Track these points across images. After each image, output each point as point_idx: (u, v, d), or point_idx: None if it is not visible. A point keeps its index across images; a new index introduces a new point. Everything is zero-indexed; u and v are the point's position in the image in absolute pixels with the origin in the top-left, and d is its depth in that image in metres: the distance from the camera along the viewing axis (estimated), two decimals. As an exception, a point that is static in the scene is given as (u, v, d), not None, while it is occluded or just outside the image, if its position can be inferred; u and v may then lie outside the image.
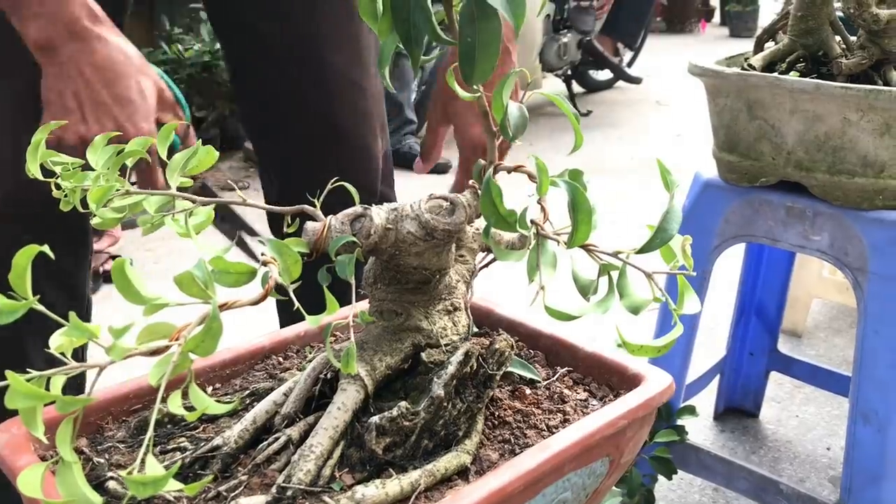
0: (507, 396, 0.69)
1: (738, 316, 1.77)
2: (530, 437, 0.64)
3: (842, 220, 1.19)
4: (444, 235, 0.60)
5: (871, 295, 1.19)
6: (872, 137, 1.12)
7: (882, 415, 1.21)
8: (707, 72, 1.25)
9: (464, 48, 0.52)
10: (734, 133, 1.25)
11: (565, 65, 5.04)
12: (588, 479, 0.64)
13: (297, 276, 0.53)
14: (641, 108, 5.25)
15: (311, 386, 0.61)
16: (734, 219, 1.30)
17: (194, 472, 0.57)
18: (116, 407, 0.66)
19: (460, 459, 0.59)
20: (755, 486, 1.40)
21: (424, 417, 0.58)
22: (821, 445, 1.79)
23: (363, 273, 0.66)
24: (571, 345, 0.76)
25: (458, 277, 0.69)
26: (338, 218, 0.59)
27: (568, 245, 0.54)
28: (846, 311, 2.37)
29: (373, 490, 0.54)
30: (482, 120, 0.59)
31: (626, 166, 3.92)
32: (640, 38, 5.70)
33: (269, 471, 0.56)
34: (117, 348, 0.48)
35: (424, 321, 0.64)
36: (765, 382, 1.87)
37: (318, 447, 0.56)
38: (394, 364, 0.62)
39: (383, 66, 0.57)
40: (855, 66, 1.17)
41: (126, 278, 0.49)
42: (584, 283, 0.58)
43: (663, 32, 8.48)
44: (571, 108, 0.58)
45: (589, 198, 0.53)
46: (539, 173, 0.55)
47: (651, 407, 0.66)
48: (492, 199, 0.54)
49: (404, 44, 0.54)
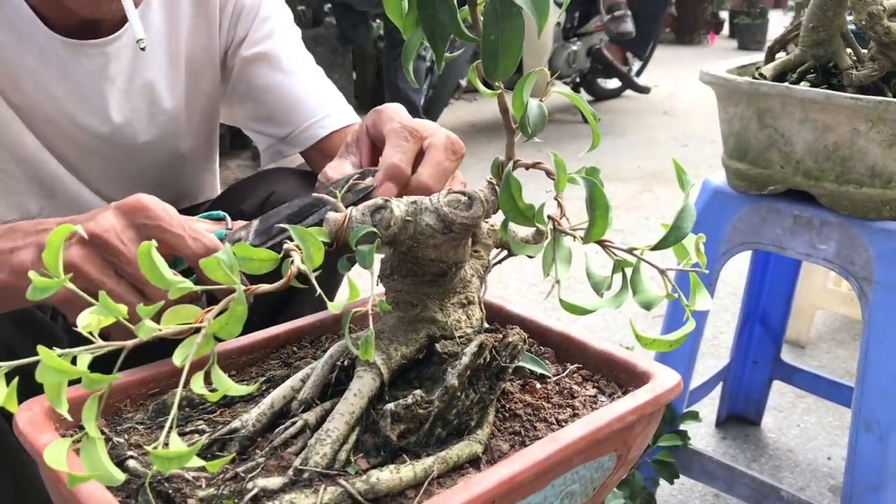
0: (518, 390, 0.70)
1: (742, 324, 1.78)
2: (540, 430, 0.65)
3: (849, 229, 1.20)
4: (461, 229, 0.61)
5: (876, 304, 1.20)
6: (881, 148, 1.14)
7: (884, 424, 1.22)
8: (719, 80, 1.27)
9: (487, 46, 0.53)
10: (744, 141, 1.26)
11: (574, 72, 5.07)
12: (596, 472, 0.65)
13: (319, 263, 0.54)
14: (649, 118, 5.27)
15: (328, 373, 0.63)
16: (742, 226, 1.31)
17: (212, 454, 0.58)
18: (135, 390, 0.68)
19: (472, 448, 0.60)
20: (756, 492, 1.41)
21: (438, 406, 0.59)
22: (822, 455, 1.80)
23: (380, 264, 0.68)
24: (581, 342, 0.77)
25: (472, 272, 0.70)
26: (359, 209, 0.61)
27: (585, 240, 0.55)
28: (850, 323, 2.38)
29: (387, 475, 0.55)
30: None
31: (632, 175, 3.93)
32: (650, 48, 5.73)
33: (285, 454, 0.57)
34: (145, 327, 0.49)
35: (439, 313, 0.66)
36: (767, 391, 1.88)
37: (335, 432, 0.57)
38: (409, 354, 0.63)
39: (407, 62, 0.59)
40: (865, 77, 1.18)
41: (152, 261, 0.51)
42: (598, 280, 0.59)
43: (672, 43, 8.51)
44: (590, 108, 0.59)
45: (606, 194, 0.54)
46: (557, 170, 0.57)
47: (659, 404, 0.67)
48: (511, 194, 0.56)
49: (429, 40, 0.55)
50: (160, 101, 1.12)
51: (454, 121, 5.04)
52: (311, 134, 1.16)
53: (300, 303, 1.11)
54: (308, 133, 1.16)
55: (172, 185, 1.22)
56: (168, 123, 1.15)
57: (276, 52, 1.17)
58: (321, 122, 1.16)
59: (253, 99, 1.19)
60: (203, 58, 1.16)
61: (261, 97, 1.18)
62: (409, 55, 0.57)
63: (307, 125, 1.16)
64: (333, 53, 4.09)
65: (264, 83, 1.17)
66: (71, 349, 0.49)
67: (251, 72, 1.17)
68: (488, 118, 5.12)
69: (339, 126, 1.16)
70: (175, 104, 1.15)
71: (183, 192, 1.25)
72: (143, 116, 1.12)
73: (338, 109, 1.18)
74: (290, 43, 1.20)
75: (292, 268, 0.52)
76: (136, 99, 1.11)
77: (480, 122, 5.08)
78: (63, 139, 1.08)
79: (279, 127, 1.18)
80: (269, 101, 1.18)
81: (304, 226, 0.65)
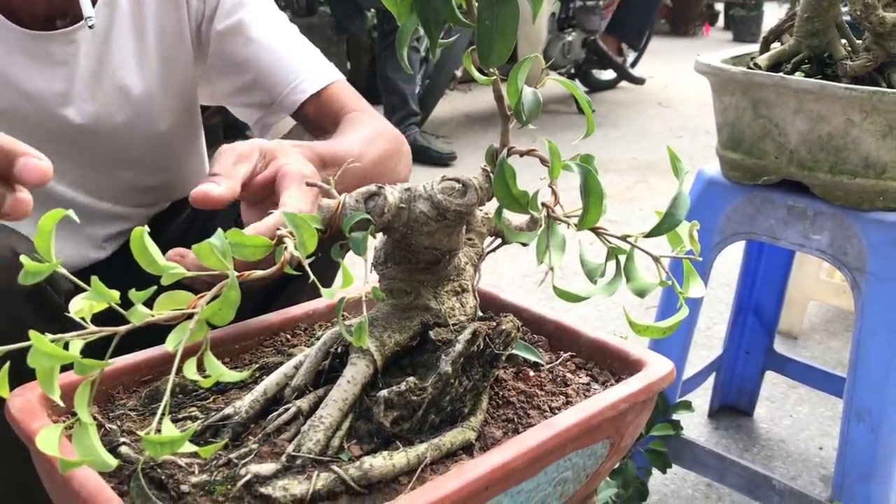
0: (512, 378, 0.70)
1: (736, 315, 1.78)
2: (533, 417, 0.65)
3: (842, 220, 1.21)
4: (455, 216, 0.61)
5: (869, 295, 1.20)
6: (875, 139, 1.14)
7: (875, 414, 1.23)
8: (713, 69, 1.26)
9: (482, 31, 0.53)
10: (738, 131, 1.27)
11: (569, 63, 5.06)
12: (589, 459, 0.66)
13: (312, 250, 0.54)
14: (643, 109, 5.27)
15: (322, 360, 0.63)
16: (735, 216, 1.31)
17: (205, 441, 0.58)
18: (128, 377, 0.68)
19: (465, 435, 0.60)
20: (748, 481, 1.42)
21: (432, 393, 0.59)
22: (813, 445, 1.81)
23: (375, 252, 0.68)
24: (575, 330, 0.77)
25: (466, 260, 0.70)
26: (352, 196, 0.60)
27: (578, 227, 0.55)
28: (842, 315, 2.39)
29: (380, 461, 0.55)
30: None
31: (627, 166, 3.93)
32: (645, 39, 5.72)
33: (279, 440, 0.57)
34: (138, 313, 0.49)
35: (433, 301, 0.66)
36: (760, 382, 1.88)
37: (328, 418, 0.57)
38: (402, 341, 0.63)
39: (401, 48, 0.59)
40: (860, 67, 1.18)
41: (145, 248, 0.50)
42: (591, 267, 0.59)
43: (667, 34, 8.50)
44: (584, 94, 0.59)
45: (600, 181, 0.54)
46: (551, 157, 0.56)
47: (652, 391, 0.67)
48: (505, 181, 0.56)
49: (424, 26, 0.55)
50: (130, 83, 1.12)
51: (449, 111, 5.03)
52: (294, 100, 1.14)
53: (295, 291, 1.11)
54: (290, 99, 1.14)
55: (157, 166, 1.22)
56: (141, 105, 1.14)
57: (248, 21, 1.15)
58: (300, 86, 1.14)
59: (231, 72, 1.18)
60: (173, 35, 1.15)
61: (238, 69, 1.16)
62: (402, 41, 0.57)
63: (287, 91, 1.14)
64: (327, 43, 4.07)
65: (239, 55, 1.16)
66: (62, 335, 0.49)
67: (226, 45, 1.16)
68: (483, 109, 5.12)
69: (316, 89, 1.14)
70: (146, 84, 1.13)
71: (170, 174, 1.25)
72: (114, 99, 1.11)
73: (315, 71, 1.16)
74: (262, 9, 1.18)
75: (285, 254, 0.52)
76: (106, 83, 1.10)
77: (476, 112, 5.07)
78: (37, 132, 1.08)
79: (261, 97, 1.17)
80: (247, 73, 1.16)
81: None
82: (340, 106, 1.14)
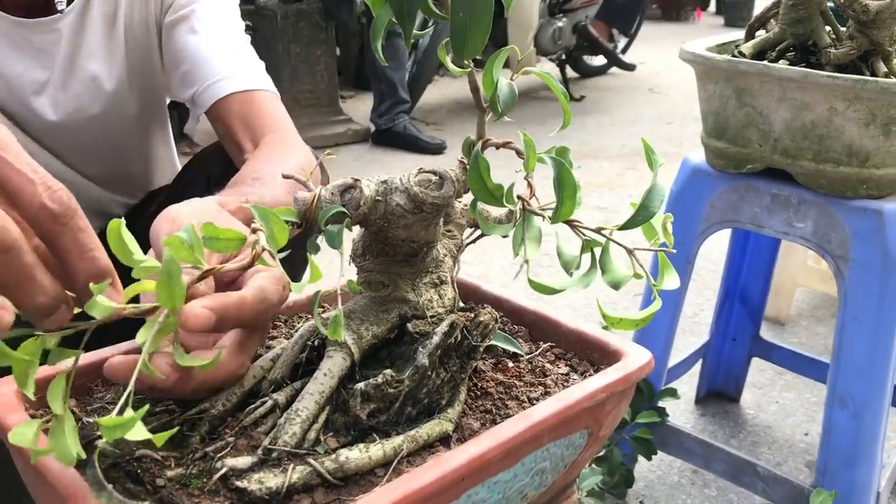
0: (491, 369, 0.71)
1: (722, 301, 1.79)
2: (511, 408, 0.66)
3: (825, 207, 1.21)
4: (432, 209, 0.61)
5: (852, 282, 1.21)
6: (858, 127, 1.14)
7: (858, 400, 1.24)
8: (697, 58, 1.26)
9: (456, 23, 0.53)
10: (723, 119, 1.27)
11: (560, 49, 5.05)
12: (567, 450, 0.66)
13: (283, 243, 0.54)
14: (634, 95, 5.27)
15: (299, 353, 0.63)
16: (720, 204, 1.32)
17: (182, 434, 0.58)
18: (106, 370, 0.67)
19: (442, 427, 0.61)
20: (733, 468, 1.43)
21: (409, 385, 0.60)
22: (799, 431, 1.82)
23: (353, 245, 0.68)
24: (554, 321, 0.77)
25: (445, 252, 0.70)
26: (328, 189, 0.60)
27: (552, 220, 0.55)
28: (829, 301, 2.40)
29: (356, 454, 0.56)
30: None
31: (617, 153, 3.93)
32: (636, 25, 5.71)
33: (255, 433, 0.57)
34: (99, 305, 0.48)
35: (411, 293, 0.66)
36: (746, 368, 1.89)
37: (304, 411, 0.57)
38: (380, 333, 0.64)
39: (375, 39, 0.58)
40: (843, 56, 1.18)
41: (121, 239, 0.50)
42: (567, 259, 0.59)
43: (658, 20, 8.48)
44: (561, 86, 0.59)
45: (574, 174, 0.54)
46: (526, 149, 0.56)
47: (630, 381, 0.68)
48: (480, 174, 0.56)
49: (397, 18, 0.55)
50: (99, 72, 1.11)
51: (439, 98, 5.02)
52: (210, 94, 1.10)
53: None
54: (208, 93, 1.11)
55: (123, 157, 1.22)
56: (112, 95, 1.13)
57: (195, 13, 1.13)
58: (220, 82, 1.10)
59: (174, 63, 1.15)
60: (140, 25, 1.14)
61: (178, 59, 1.14)
62: (376, 33, 0.57)
63: (207, 85, 1.11)
64: (316, 29, 4.04)
65: (179, 43, 1.14)
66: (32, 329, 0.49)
67: (172, 35, 1.14)
68: (474, 95, 5.10)
69: (234, 90, 1.10)
70: (114, 73, 1.13)
71: (140, 165, 1.25)
72: (86, 88, 1.11)
73: (242, 75, 1.12)
74: (214, 6, 1.15)
75: (257, 247, 0.52)
76: (78, 72, 1.10)
77: (466, 98, 5.06)
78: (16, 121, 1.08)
79: (190, 88, 1.14)
80: (184, 63, 1.13)
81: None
82: (261, 122, 1.08)
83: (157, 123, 1.26)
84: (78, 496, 0.51)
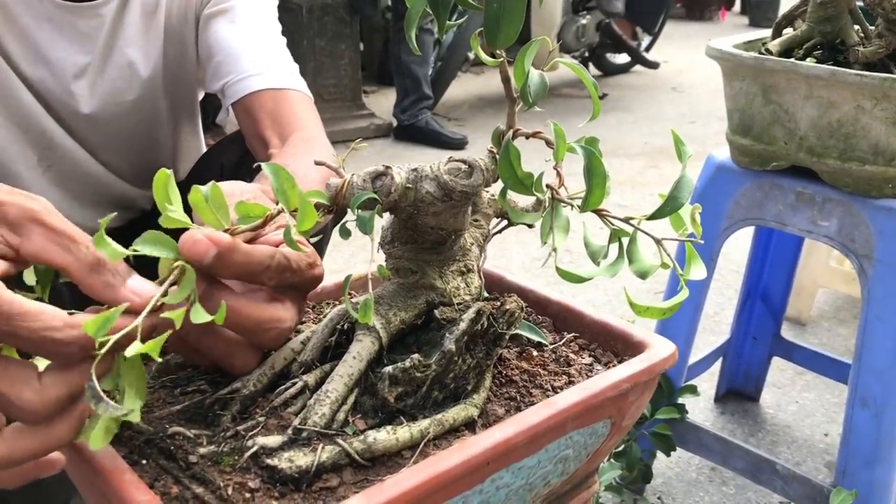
0: (515, 357, 0.71)
1: (744, 300, 1.79)
2: (535, 396, 0.66)
3: (850, 206, 1.21)
4: (461, 196, 0.62)
5: (876, 282, 1.21)
6: (885, 126, 1.14)
7: (880, 400, 1.23)
8: (724, 54, 1.26)
9: (489, 13, 0.54)
10: (748, 116, 1.27)
11: (583, 46, 5.04)
12: (590, 438, 0.67)
13: (310, 227, 0.55)
14: (657, 94, 5.25)
15: (329, 336, 0.64)
16: (744, 202, 1.32)
17: (214, 413, 0.60)
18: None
19: (468, 412, 0.62)
20: (752, 465, 1.43)
21: (435, 370, 0.61)
22: (819, 431, 1.81)
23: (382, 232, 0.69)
24: (579, 312, 0.78)
25: (472, 241, 0.71)
26: (359, 175, 0.61)
27: (581, 209, 0.56)
28: (851, 302, 2.39)
29: (384, 435, 0.57)
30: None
31: (638, 150, 3.92)
32: (659, 23, 5.68)
33: (285, 413, 0.58)
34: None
35: (438, 280, 0.67)
36: (766, 367, 1.89)
37: (334, 393, 0.58)
38: (408, 319, 0.64)
39: (409, 29, 0.59)
40: (871, 54, 1.18)
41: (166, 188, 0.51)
42: (595, 249, 0.60)
43: (682, 19, 8.44)
44: (592, 78, 0.60)
45: (604, 163, 0.55)
46: (556, 139, 0.57)
47: (654, 372, 0.68)
48: (510, 162, 0.56)
49: (432, 7, 0.56)
50: (138, 60, 1.13)
51: (462, 94, 5.03)
52: (242, 87, 1.12)
53: None
54: (239, 85, 1.12)
55: (160, 150, 1.24)
56: (146, 82, 1.15)
57: (234, 8, 1.15)
58: (253, 77, 1.11)
59: (209, 54, 1.16)
60: (178, 16, 1.16)
61: (213, 50, 1.15)
62: (411, 23, 0.58)
63: (240, 77, 1.12)
64: (341, 24, 4.06)
65: (216, 35, 1.15)
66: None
67: (209, 27, 1.15)
68: (496, 91, 5.10)
69: (270, 86, 1.11)
70: (153, 62, 1.15)
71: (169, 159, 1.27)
72: (124, 75, 1.13)
73: (274, 73, 1.13)
74: (254, 3, 1.17)
75: (278, 215, 0.53)
76: (119, 58, 1.12)
77: (488, 95, 5.06)
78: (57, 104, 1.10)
79: (222, 79, 1.15)
80: (218, 54, 1.15)
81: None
82: (290, 119, 1.09)
83: (188, 117, 1.28)
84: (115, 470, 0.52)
